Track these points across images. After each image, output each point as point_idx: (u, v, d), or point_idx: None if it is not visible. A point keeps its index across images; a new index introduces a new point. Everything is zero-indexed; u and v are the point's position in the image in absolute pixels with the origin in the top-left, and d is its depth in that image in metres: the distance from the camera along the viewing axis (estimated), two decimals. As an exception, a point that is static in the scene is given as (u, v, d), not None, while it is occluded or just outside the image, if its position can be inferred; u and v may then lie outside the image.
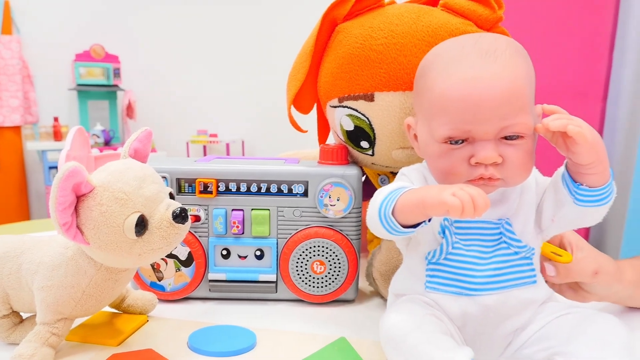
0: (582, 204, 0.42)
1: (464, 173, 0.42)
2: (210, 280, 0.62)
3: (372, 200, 0.45)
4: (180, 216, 0.44)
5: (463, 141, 0.42)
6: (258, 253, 0.62)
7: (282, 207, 0.61)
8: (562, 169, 0.43)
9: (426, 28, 0.54)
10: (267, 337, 0.52)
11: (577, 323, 0.42)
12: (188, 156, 3.43)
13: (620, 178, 1.35)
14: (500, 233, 0.45)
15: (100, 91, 3.16)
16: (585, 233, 1.30)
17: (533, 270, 0.45)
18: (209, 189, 0.61)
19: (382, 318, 0.44)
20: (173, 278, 0.62)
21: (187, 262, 0.61)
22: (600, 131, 1.31)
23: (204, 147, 3.65)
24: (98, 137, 2.98)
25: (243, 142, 3.53)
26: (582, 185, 0.41)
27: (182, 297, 0.63)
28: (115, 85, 3.17)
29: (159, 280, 0.62)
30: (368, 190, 0.67)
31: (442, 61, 0.44)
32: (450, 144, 0.43)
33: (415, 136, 0.48)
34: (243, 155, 3.50)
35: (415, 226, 0.42)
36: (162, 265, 0.61)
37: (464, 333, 0.44)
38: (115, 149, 3.00)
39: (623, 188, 1.31)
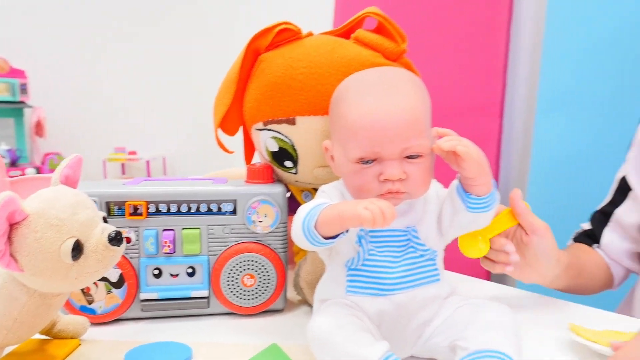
0: (473, 210, 0.50)
1: (375, 188, 0.49)
2: (142, 300, 0.64)
3: (296, 216, 0.50)
4: (115, 239, 0.46)
5: (373, 161, 0.49)
6: (190, 270, 0.65)
7: (212, 225, 0.64)
8: (455, 182, 0.51)
9: (341, 59, 0.60)
10: (203, 349, 0.55)
11: (472, 312, 0.50)
12: (105, 175, 3.29)
13: (517, 184, 1.51)
14: (408, 239, 0.51)
15: (4, 108, 2.97)
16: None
17: (437, 269, 0.52)
18: (139, 211, 0.62)
19: (309, 323, 0.49)
20: (104, 300, 0.62)
21: (118, 284, 0.63)
22: (498, 143, 1.47)
23: (122, 165, 3.52)
24: (3, 157, 2.78)
25: (164, 159, 3.46)
26: (471, 195, 0.49)
27: (114, 318, 0.63)
28: (22, 102, 2.99)
29: (90, 304, 0.62)
30: (293, 205, 0.72)
31: (353, 93, 0.50)
32: (362, 163, 0.49)
33: (332, 157, 0.54)
34: (164, 173, 3.42)
35: (334, 237, 0.47)
36: (93, 288, 0.62)
37: (381, 329, 0.50)
38: (23, 170, 2.81)
39: (519, 188, 1.47)
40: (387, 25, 0.62)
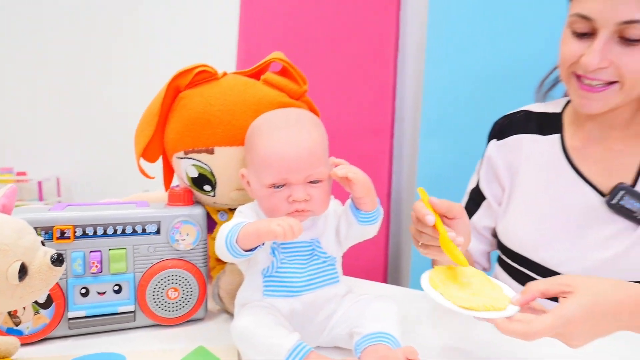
0: (362, 223, 0.62)
1: (285, 208, 0.60)
2: (70, 319, 0.68)
3: (219, 233, 0.59)
4: (58, 260, 0.52)
5: (282, 186, 0.60)
6: (116, 288, 0.70)
7: (138, 245, 0.70)
8: (349, 201, 0.64)
9: (252, 98, 0.71)
10: (135, 357, 0.61)
11: (365, 305, 0.62)
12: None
13: (406, 196, 1.71)
14: (313, 249, 0.63)
15: None
16: (386, 233, 1.60)
17: (336, 273, 0.64)
18: (66, 235, 0.67)
19: (232, 324, 0.58)
20: (31, 321, 0.66)
21: (46, 305, 0.66)
22: (390, 161, 1.66)
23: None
24: None
25: (59, 180, 3.26)
26: (361, 211, 0.62)
27: (41, 338, 0.67)
28: None
29: (16, 325, 0.65)
30: (209, 223, 0.81)
31: (264, 130, 0.61)
32: (274, 188, 0.60)
33: (248, 183, 0.64)
34: (59, 194, 3.24)
35: (253, 250, 0.57)
36: (20, 310, 0.65)
37: (293, 324, 0.60)
38: None
39: (408, 201, 1.67)
40: (290, 69, 0.74)
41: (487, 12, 1.39)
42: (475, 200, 0.92)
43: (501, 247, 0.88)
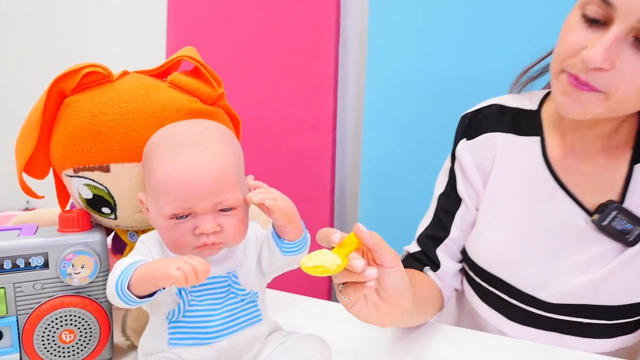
0: (286, 254, 0.54)
1: (191, 242, 0.50)
2: None
3: (110, 275, 0.49)
4: None
5: (187, 216, 0.49)
6: (-5, 335, 0.58)
7: (20, 283, 0.59)
8: (271, 227, 0.54)
9: (154, 104, 0.59)
10: None
11: (291, 347, 0.54)
12: None
13: (350, 191, 1.65)
14: (229, 285, 0.53)
15: None
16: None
17: (258, 310, 0.55)
18: None
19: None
20: None
21: None
22: (333, 154, 1.58)
23: None
24: None
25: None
26: (284, 240, 0.53)
27: None
28: None
29: None
30: (119, 245, 0.70)
31: (163, 148, 0.50)
32: (176, 219, 0.49)
33: (148, 209, 0.53)
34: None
35: (150, 296, 0.47)
36: None
37: (204, 376, 0.51)
38: None
39: (353, 198, 1.61)
40: (202, 69, 0.63)
41: (429, 5, 1.32)
42: (448, 209, 0.77)
43: (468, 261, 0.76)
